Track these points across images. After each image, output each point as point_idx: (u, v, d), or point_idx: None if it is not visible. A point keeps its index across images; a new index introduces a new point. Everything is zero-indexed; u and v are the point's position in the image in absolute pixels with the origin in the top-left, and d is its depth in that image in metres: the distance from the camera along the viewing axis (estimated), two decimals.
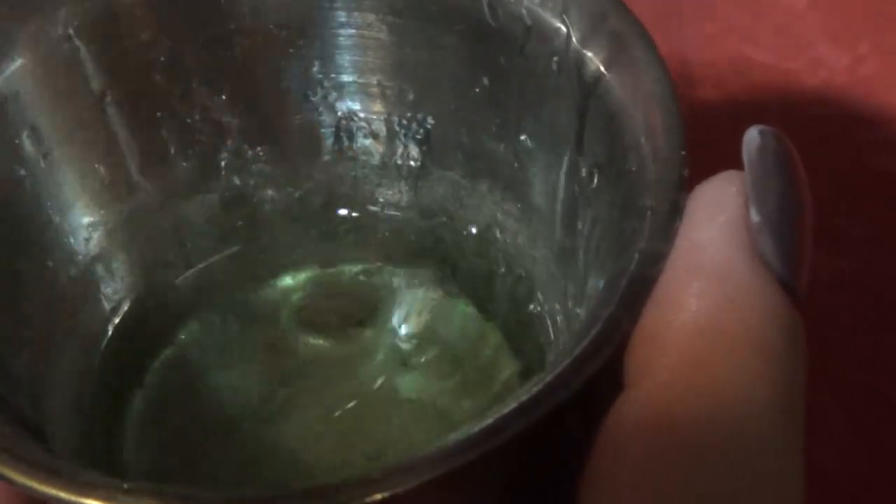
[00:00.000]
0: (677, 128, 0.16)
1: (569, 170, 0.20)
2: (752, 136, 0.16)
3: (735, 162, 0.31)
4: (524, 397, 0.14)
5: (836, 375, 0.27)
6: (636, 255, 0.15)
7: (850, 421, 0.26)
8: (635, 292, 0.15)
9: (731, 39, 0.32)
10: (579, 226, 0.19)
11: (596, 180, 0.19)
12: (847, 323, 0.28)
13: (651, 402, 0.14)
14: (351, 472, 0.14)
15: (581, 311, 0.19)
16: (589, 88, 0.18)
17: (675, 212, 0.16)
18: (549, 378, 0.14)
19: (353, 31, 0.22)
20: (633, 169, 0.17)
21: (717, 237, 0.15)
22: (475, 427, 0.13)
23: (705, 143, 0.31)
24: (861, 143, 0.30)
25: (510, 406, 0.14)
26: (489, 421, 0.13)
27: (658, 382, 0.14)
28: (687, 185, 0.16)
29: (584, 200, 0.19)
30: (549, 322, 0.22)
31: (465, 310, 0.24)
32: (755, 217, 0.15)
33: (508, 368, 0.23)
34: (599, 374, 0.14)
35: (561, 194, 0.20)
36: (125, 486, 0.14)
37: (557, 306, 0.21)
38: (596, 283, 0.18)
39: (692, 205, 0.16)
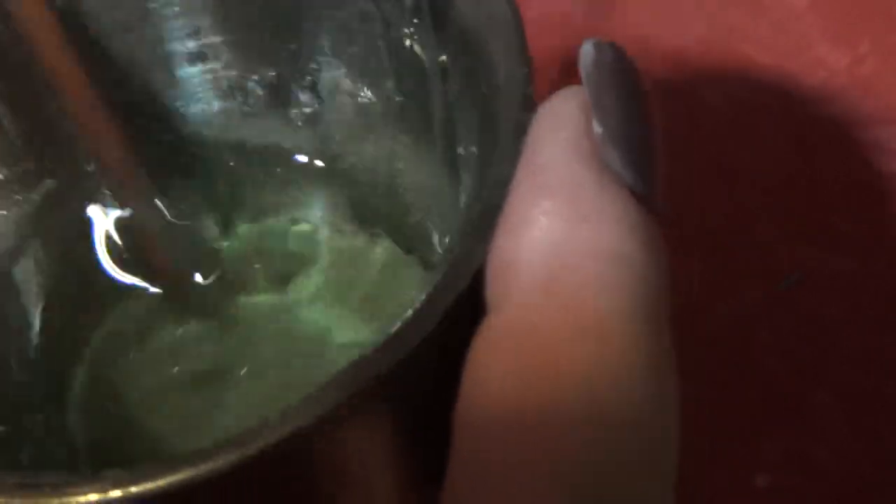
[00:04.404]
0: (520, 47, 0.16)
1: (440, 96, 0.20)
2: (587, 50, 0.15)
3: (734, 161, 0.31)
4: (375, 347, 0.14)
5: (836, 375, 0.27)
6: (486, 182, 0.15)
7: (850, 421, 0.26)
8: (484, 221, 0.15)
9: (731, 39, 0.32)
10: (460, 151, 0.19)
11: (461, 104, 0.19)
12: (847, 323, 0.28)
13: (509, 325, 0.14)
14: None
15: None
16: (442, 12, 0.18)
17: (519, 133, 0.15)
18: (399, 326, 0.14)
19: None
20: (485, 91, 0.17)
21: (560, 154, 0.15)
22: (324, 385, 0.13)
23: (705, 142, 0.31)
24: (861, 143, 0.30)
25: (362, 358, 0.14)
26: (338, 378, 0.13)
27: (514, 305, 0.14)
28: (532, 105, 0.16)
29: (453, 127, 0.20)
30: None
31: (385, 249, 0.24)
32: (598, 129, 0.15)
33: None
34: (457, 311, 0.14)
35: (439, 122, 0.21)
36: None
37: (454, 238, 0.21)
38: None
39: (535, 124, 0.15)
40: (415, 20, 0.20)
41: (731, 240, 0.29)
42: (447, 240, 0.22)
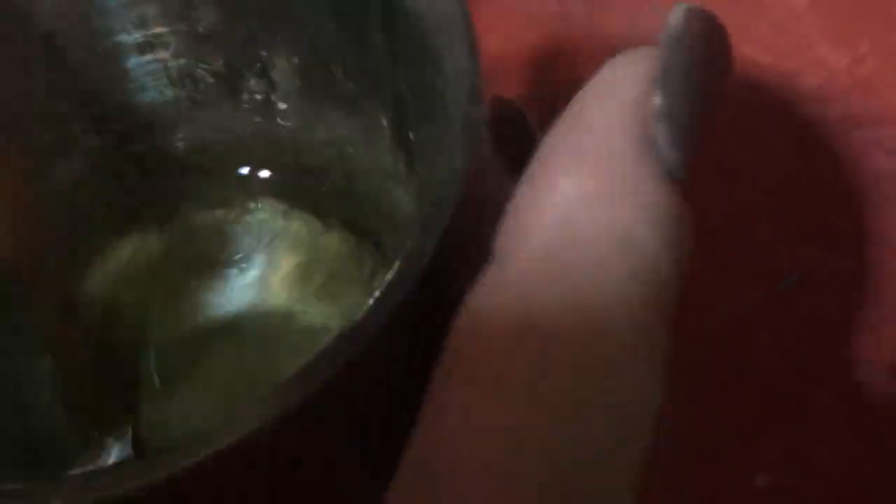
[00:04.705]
0: (468, 39, 0.16)
1: (390, 84, 0.20)
2: (675, 14, 0.15)
3: (734, 161, 0.31)
4: (319, 352, 0.13)
5: (836, 375, 0.27)
6: (435, 177, 0.15)
7: (850, 421, 0.26)
8: (433, 220, 0.14)
9: (731, 39, 0.32)
10: (411, 136, 0.20)
11: (411, 92, 0.19)
12: (847, 323, 0.28)
13: (508, 287, 0.13)
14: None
15: None
16: (389, 6, 0.18)
17: (467, 126, 0.15)
18: (345, 329, 0.14)
19: None
20: (433, 82, 0.17)
21: (606, 118, 0.14)
22: (268, 393, 0.13)
23: (705, 142, 0.31)
24: (861, 143, 0.30)
25: (308, 364, 0.13)
26: (283, 385, 0.13)
27: (517, 267, 0.14)
28: (480, 97, 0.15)
29: (404, 113, 0.20)
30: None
31: (339, 234, 0.24)
32: (657, 100, 0.14)
33: None
34: (407, 309, 0.14)
35: (389, 108, 0.21)
36: None
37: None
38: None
39: (597, 80, 0.15)
40: (363, 8, 0.20)
41: (731, 240, 0.29)
42: (401, 227, 0.22)
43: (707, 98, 0.14)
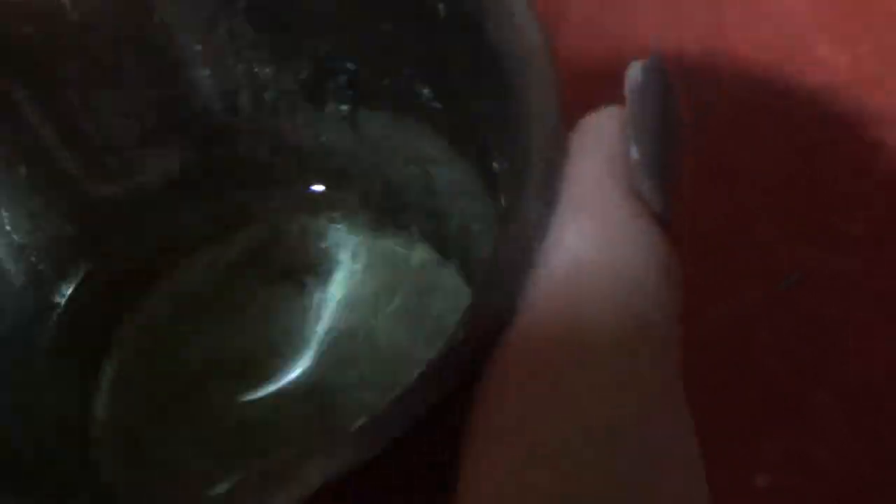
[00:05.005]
0: (551, 78, 0.16)
1: (473, 111, 0.20)
2: (633, 73, 0.16)
3: (734, 161, 0.31)
4: (378, 414, 0.14)
5: (836, 375, 0.27)
6: (512, 222, 0.16)
7: (850, 421, 0.26)
8: (506, 269, 0.15)
9: (731, 39, 0.32)
10: (494, 165, 0.20)
11: (494, 122, 0.19)
12: (847, 323, 0.28)
13: (523, 331, 0.15)
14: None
15: None
16: (475, 35, 0.18)
17: (549, 171, 0.16)
18: (403, 392, 0.14)
19: None
20: (517, 122, 0.17)
21: (596, 173, 0.16)
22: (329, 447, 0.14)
23: (705, 142, 0.31)
24: (861, 143, 0.30)
25: (371, 422, 0.14)
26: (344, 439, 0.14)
27: (532, 313, 0.15)
28: (562, 139, 0.16)
29: (486, 142, 0.20)
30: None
31: (422, 253, 0.24)
32: (634, 154, 0.16)
33: None
34: (463, 379, 0.14)
35: (471, 135, 0.21)
36: None
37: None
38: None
39: (575, 139, 0.16)
40: (447, 37, 0.20)
41: (731, 240, 0.29)
42: (484, 250, 0.22)
43: (671, 138, 0.16)
